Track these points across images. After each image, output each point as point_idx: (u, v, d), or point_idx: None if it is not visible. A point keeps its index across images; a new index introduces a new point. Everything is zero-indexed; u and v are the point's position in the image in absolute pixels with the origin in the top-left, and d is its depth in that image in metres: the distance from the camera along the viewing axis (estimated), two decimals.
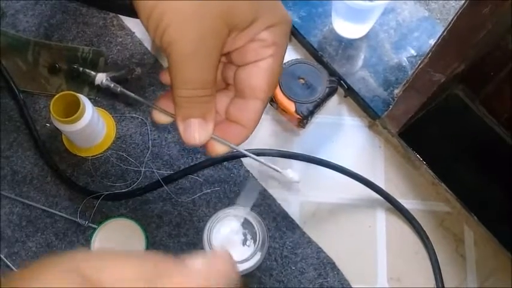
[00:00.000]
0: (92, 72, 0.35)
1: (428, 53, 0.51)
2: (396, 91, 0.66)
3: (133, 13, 0.70)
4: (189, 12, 0.31)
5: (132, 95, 0.37)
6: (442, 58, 0.50)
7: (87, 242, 0.61)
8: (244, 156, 0.40)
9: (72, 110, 0.58)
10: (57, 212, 0.62)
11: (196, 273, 0.28)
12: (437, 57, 0.51)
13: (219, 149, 0.37)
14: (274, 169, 0.41)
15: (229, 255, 0.31)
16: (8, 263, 0.60)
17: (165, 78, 0.36)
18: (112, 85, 0.36)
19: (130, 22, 0.72)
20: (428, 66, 0.52)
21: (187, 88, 0.33)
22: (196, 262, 0.29)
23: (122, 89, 0.36)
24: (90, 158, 0.65)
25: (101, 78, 0.36)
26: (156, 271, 0.27)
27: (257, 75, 0.36)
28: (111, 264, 0.27)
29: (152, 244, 0.62)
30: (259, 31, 0.35)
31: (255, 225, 0.58)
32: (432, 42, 0.69)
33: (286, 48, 0.37)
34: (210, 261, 0.29)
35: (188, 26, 0.31)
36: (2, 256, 0.60)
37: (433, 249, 0.62)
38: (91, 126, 0.61)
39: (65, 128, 0.60)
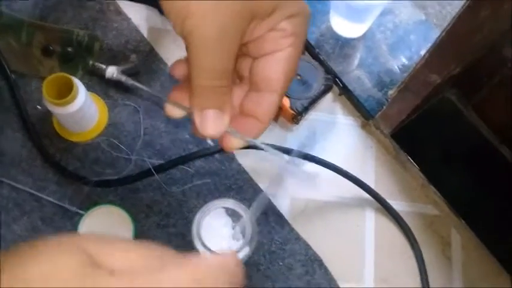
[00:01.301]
0: (103, 66, 0.34)
1: (425, 54, 0.52)
2: (390, 92, 0.66)
3: None
4: (212, 1, 0.31)
5: (145, 88, 0.36)
6: (439, 59, 0.51)
7: (73, 228, 0.60)
8: (259, 149, 0.40)
9: (65, 92, 0.58)
10: (44, 196, 0.61)
11: (202, 268, 0.27)
12: (434, 58, 0.51)
13: (234, 142, 0.37)
14: (294, 165, 0.41)
15: (238, 259, 0.31)
16: None
17: (176, 71, 0.36)
18: (124, 78, 0.36)
19: (127, 7, 0.71)
20: (425, 67, 0.52)
21: (206, 77, 0.33)
22: (204, 258, 0.29)
23: (134, 82, 0.36)
24: (80, 143, 0.64)
25: (112, 71, 0.35)
26: (162, 261, 0.27)
27: (275, 66, 0.35)
28: (119, 248, 0.26)
29: (140, 233, 0.61)
30: (279, 21, 0.34)
31: (245, 219, 0.58)
32: (428, 45, 0.69)
33: (305, 39, 0.36)
34: (219, 259, 0.29)
35: (210, 14, 0.31)
36: None
37: (420, 251, 0.62)
38: (83, 110, 0.60)
39: (57, 110, 0.59)
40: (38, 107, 0.65)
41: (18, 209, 0.61)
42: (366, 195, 0.64)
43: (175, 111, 0.36)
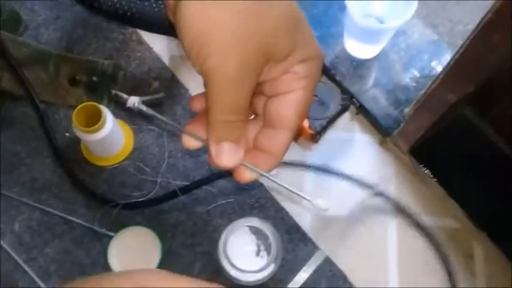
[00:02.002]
0: (125, 96, 0.37)
1: (440, 74, 0.54)
2: (406, 110, 0.68)
3: (154, 29, 0.72)
4: (232, 43, 0.33)
5: (165, 119, 0.39)
6: (454, 79, 0.52)
7: (103, 249, 0.62)
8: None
9: (94, 120, 0.60)
10: (75, 219, 0.63)
11: None
12: (449, 79, 0.53)
13: (247, 175, 0.39)
14: (303, 198, 0.42)
15: None
16: (26, 269, 0.61)
17: (195, 105, 0.38)
18: (144, 109, 0.38)
19: (148, 37, 0.74)
20: (441, 86, 0.54)
21: (224, 113, 0.35)
22: None
23: (155, 113, 0.39)
24: (108, 167, 0.67)
25: (133, 101, 0.38)
26: None
27: (287, 106, 0.37)
28: (168, 281, 0.31)
29: (168, 253, 0.63)
30: (293, 64, 0.36)
31: (270, 236, 0.59)
32: (440, 64, 0.71)
33: (318, 82, 0.38)
34: None
35: (230, 56, 0.33)
36: (21, 261, 0.61)
37: (448, 261, 0.63)
38: (111, 136, 0.63)
39: (86, 137, 0.61)
40: (67, 134, 0.68)
41: (50, 232, 0.63)
42: (388, 209, 0.66)
43: (191, 142, 0.38)
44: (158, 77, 0.72)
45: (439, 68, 0.70)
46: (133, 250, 0.62)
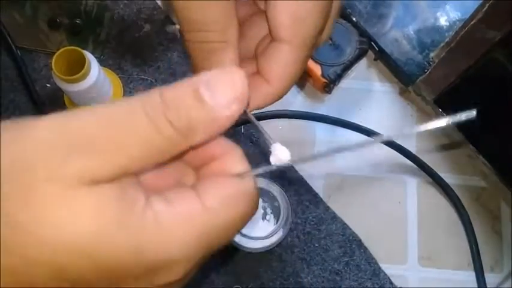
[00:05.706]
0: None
1: (483, 6, 0.45)
2: (432, 54, 0.60)
3: None
4: None
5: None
6: (500, 11, 0.44)
7: None
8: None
9: (76, 68, 0.53)
10: None
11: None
12: (493, 11, 0.45)
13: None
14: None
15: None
16: None
17: None
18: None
19: None
20: (482, 21, 0.46)
21: (193, 30, 0.26)
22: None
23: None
24: None
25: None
26: None
27: (281, 4, 0.26)
28: None
29: None
30: None
31: (277, 198, 0.54)
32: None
33: None
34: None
35: None
36: None
37: (470, 223, 0.57)
38: (97, 86, 0.56)
39: (69, 87, 0.54)
40: (48, 85, 0.61)
41: None
42: (407, 167, 0.59)
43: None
44: (149, 19, 0.64)
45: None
46: None
